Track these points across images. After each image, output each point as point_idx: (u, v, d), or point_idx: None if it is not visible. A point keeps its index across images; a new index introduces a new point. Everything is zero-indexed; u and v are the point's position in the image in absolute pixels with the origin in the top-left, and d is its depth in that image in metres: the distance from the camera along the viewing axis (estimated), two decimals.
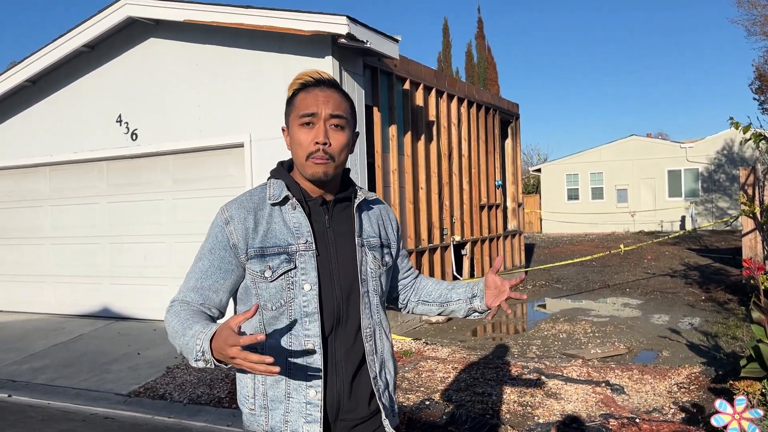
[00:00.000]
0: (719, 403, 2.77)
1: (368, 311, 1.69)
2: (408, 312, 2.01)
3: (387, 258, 1.79)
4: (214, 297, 1.66)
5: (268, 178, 1.73)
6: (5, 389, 5.79)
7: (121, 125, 8.16)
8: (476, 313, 1.87)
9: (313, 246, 1.63)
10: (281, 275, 1.60)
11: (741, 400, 2.70)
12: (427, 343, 6.81)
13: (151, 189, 8.23)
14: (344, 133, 1.66)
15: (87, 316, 8.61)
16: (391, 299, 1.97)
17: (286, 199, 1.66)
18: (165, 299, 8.48)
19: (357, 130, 1.76)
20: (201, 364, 1.50)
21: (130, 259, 8.41)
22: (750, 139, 7.16)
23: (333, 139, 1.63)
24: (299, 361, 1.60)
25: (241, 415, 1.74)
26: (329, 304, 1.63)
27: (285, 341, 1.61)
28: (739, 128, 7.00)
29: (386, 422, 1.69)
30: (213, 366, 1.49)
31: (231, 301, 1.75)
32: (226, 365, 1.47)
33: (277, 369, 1.36)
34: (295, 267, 1.61)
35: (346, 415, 1.65)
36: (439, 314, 1.97)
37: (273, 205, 1.65)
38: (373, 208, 1.81)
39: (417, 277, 2.01)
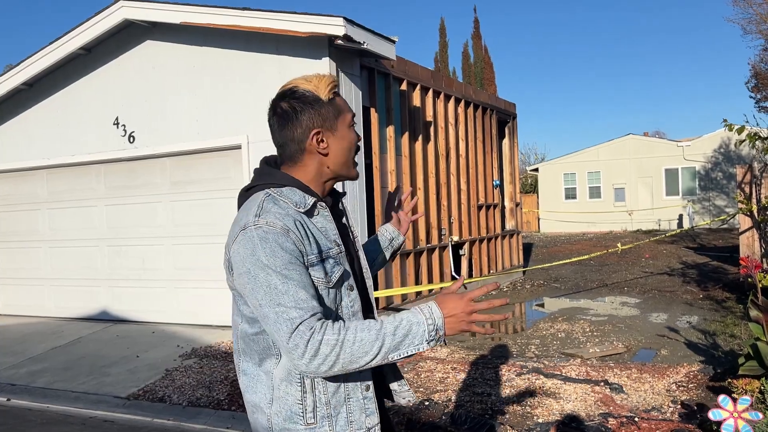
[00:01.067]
0: (722, 399, 2.78)
1: (373, 299, 1.80)
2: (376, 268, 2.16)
3: None
4: (319, 304, 1.54)
5: (263, 187, 1.65)
6: (4, 393, 5.78)
7: (118, 128, 8.16)
8: (397, 246, 2.13)
9: (344, 248, 1.68)
10: (338, 280, 1.61)
11: (745, 400, 2.72)
12: None
13: (148, 191, 8.22)
14: None
15: (85, 319, 8.60)
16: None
17: (313, 206, 1.63)
18: (164, 301, 8.46)
19: None
20: (432, 344, 1.53)
21: (128, 262, 8.40)
22: (745, 140, 7.18)
23: None
24: None
25: (240, 418, 1.75)
26: (365, 300, 1.73)
27: None
28: (734, 130, 7.01)
29: (410, 392, 1.89)
30: (441, 343, 1.53)
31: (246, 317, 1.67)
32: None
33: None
34: (344, 270, 1.64)
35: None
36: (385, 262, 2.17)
37: (302, 212, 1.60)
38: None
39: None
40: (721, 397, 2.76)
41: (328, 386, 1.59)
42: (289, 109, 1.63)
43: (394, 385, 1.86)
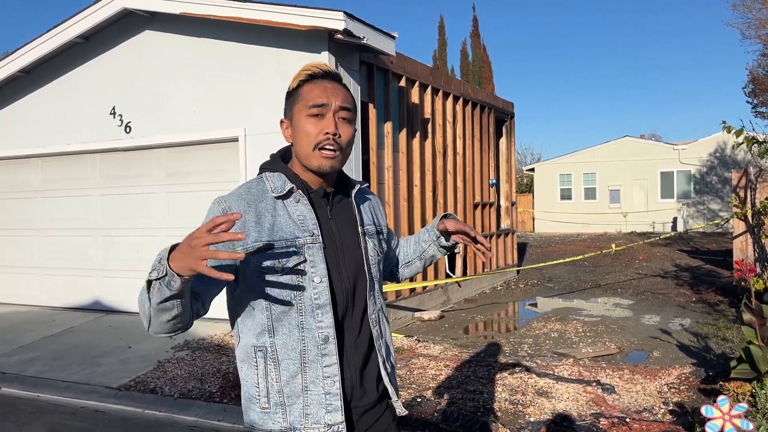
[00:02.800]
0: (706, 409, 2.78)
1: (373, 298, 1.72)
2: (399, 278, 2.11)
3: (384, 245, 1.85)
4: (197, 284, 1.54)
5: (261, 171, 1.72)
6: None
7: (114, 117, 8.12)
8: (448, 247, 2.01)
9: (320, 238, 1.63)
10: (291, 268, 1.59)
11: (741, 407, 2.73)
12: (419, 341, 6.81)
13: (144, 182, 8.19)
14: (351, 126, 1.67)
15: (78, 309, 8.56)
16: (386, 276, 2.05)
17: (290, 192, 1.65)
18: None
19: (356, 126, 1.76)
20: (153, 275, 1.38)
21: (122, 252, 8.37)
22: (743, 143, 7.19)
23: (342, 130, 1.64)
24: (314, 353, 1.60)
25: (231, 410, 1.75)
26: (339, 295, 1.64)
27: (297, 335, 1.60)
28: (732, 132, 7.03)
29: (398, 404, 1.73)
30: (164, 274, 1.35)
31: (227, 302, 1.71)
32: (172, 282, 1.36)
33: (241, 255, 1.32)
34: (305, 260, 1.60)
35: (357, 402, 1.67)
36: (424, 268, 2.09)
37: (277, 198, 1.63)
38: (367, 197, 1.86)
39: (400, 247, 2.10)
40: (720, 398, 2.77)
41: (281, 374, 1.59)
42: None
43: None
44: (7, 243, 9.38)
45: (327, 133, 1.60)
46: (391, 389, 1.72)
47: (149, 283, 1.41)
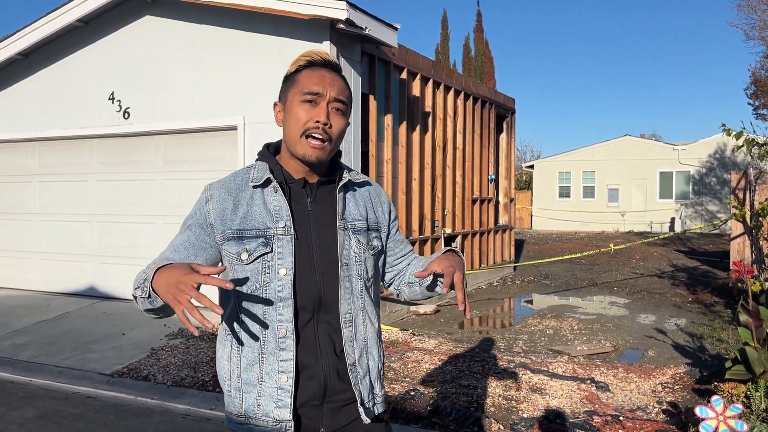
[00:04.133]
0: (700, 410, 2.76)
1: (349, 296, 1.65)
2: (400, 296, 1.93)
3: (375, 242, 1.73)
4: None
5: (256, 161, 1.72)
6: None
7: (113, 103, 8.06)
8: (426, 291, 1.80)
9: (292, 230, 1.60)
10: (257, 258, 1.58)
11: (736, 408, 2.70)
12: (414, 334, 6.80)
13: (142, 169, 8.14)
14: (344, 118, 1.64)
15: (72, 295, 8.53)
16: (387, 286, 1.92)
17: (267, 182, 1.64)
18: None
19: (349, 120, 1.73)
20: (138, 293, 1.49)
21: (118, 239, 8.33)
22: (743, 145, 7.17)
23: (334, 121, 1.61)
24: (272, 345, 1.59)
25: (224, 399, 1.73)
26: (307, 289, 1.60)
27: (259, 325, 1.59)
28: (732, 135, 7.00)
29: (360, 409, 1.65)
30: (147, 295, 1.45)
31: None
32: (154, 305, 1.46)
33: (220, 310, 1.33)
34: (272, 251, 1.58)
35: (333, 396, 1.63)
36: (423, 298, 1.86)
37: (255, 187, 1.63)
38: (359, 190, 1.75)
39: (410, 263, 1.89)
40: (714, 398, 2.75)
41: (242, 359, 1.62)
42: None
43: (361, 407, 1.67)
44: (2, 227, 9.33)
45: (317, 122, 1.58)
46: (356, 393, 1.64)
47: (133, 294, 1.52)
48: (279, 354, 1.58)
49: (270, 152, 1.71)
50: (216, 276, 1.37)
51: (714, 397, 2.75)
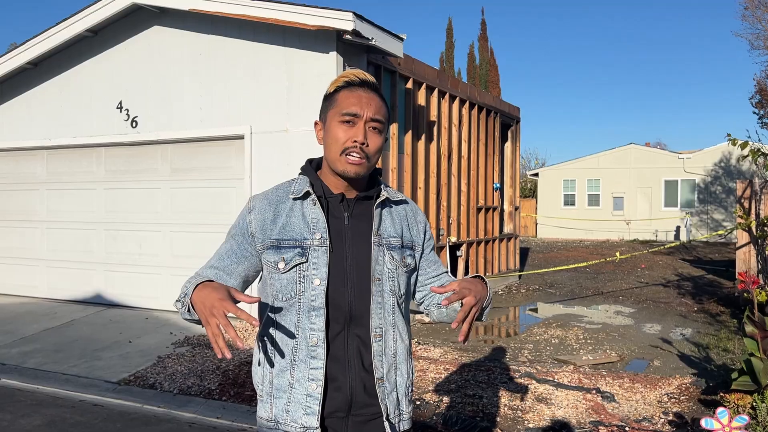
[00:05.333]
0: (720, 411, 2.77)
1: (380, 311, 1.68)
2: (429, 316, 1.94)
3: (409, 260, 1.76)
4: (227, 278, 1.70)
5: (298, 175, 1.78)
6: None
7: (121, 112, 8.13)
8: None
9: (327, 242, 1.65)
10: (293, 268, 1.64)
11: (742, 419, 2.71)
12: (419, 343, 6.81)
13: (148, 177, 8.20)
14: (381, 136, 1.70)
15: (79, 302, 8.57)
16: (419, 305, 1.94)
17: (306, 195, 1.70)
18: (159, 288, 8.43)
19: (387, 135, 1.79)
20: (178, 305, 1.59)
21: (124, 247, 8.38)
22: (748, 155, 7.17)
23: (370, 140, 1.67)
24: (303, 353, 1.64)
25: (230, 408, 1.78)
26: (338, 301, 1.64)
27: (292, 332, 1.65)
28: (737, 144, 7.01)
29: (386, 424, 1.68)
30: (186, 310, 1.55)
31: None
32: (193, 317, 1.55)
33: (238, 345, 1.37)
34: (307, 261, 1.64)
35: (359, 409, 1.66)
36: (451, 320, 1.76)
37: (294, 199, 1.70)
38: (396, 207, 1.80)
39: (443, 285, 1.83)
40: (720, 410, 2.76)
41: (274, 365, 1.68)
42: None
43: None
44: (10, 234, 9.39)
45: (355, 141, 1.64)
46: (383, 408, 1.67)
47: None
48: (310, 362, 1.63)
49: (312, 167, 1.77)
50: (248, 304, 1.46)
51: (719, 409, 2.76)
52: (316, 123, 1.77)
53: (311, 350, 1.62)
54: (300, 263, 1.63)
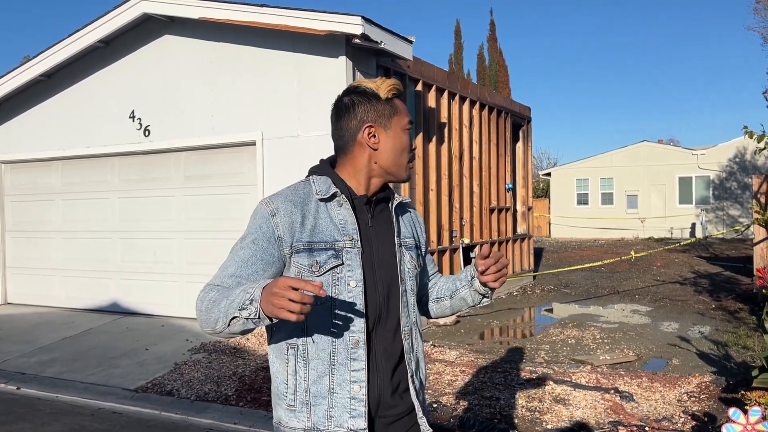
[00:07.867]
0: (733, 412, 2.74)
1: (406, 310, 1.73)
2: (428, 313, 2.00)
3: (420, 260, 1.85)
4: None
5: (309, 175, 1.75)
6: (14, 381, 5.82)
7: (134, 121, 8.20)
8: (481, 296, 1.83)
9: (359, 243, 1.66)
10: (328, 271, 1.62)
11: (756, 411, 2.67)
12: (435, 346, 6.79)
13: (162, 185, 8.26)
14: None
15: (96, 311, 8.64)
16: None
17: (333, 196, 1.69)
18: (174, 295, 8.46)
19: None
20: (244, 314, 1.45)
21: (139, 255, 8.44)
22: (764, 148, 7.10)
23: None
24: (343, 356, 1.62)
25: (248, 413, 1.76)
26: (372, 301, 1.66)
27: (329, 337, 1.62)
28: (753, 137, 6.94)
29: (422, 420, 1.72)
30: (257, 316, 1.43)
31: None
32: (259, 323, 1.46)
33: (323, 293, 1.37)
34: (342, 263, 1.63)
35: (385, 411, 1.67)
36: (453, 312, 1.96)
37: (320, 200, 1.68)
38: (407, 210, 1.88)
39: (437, 282, 2.01)
40: (732, 410, 2.73)
41: (310, 372, 1.62)
42: (348, 102, 1.71)
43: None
44: (27, 244, 9.50)
45: (413, 150, 1.77)
46: (417, 405, 1.72)
47: (234, 316, 1.49)
48: (350, 364, 1.61)
49: (330, 168, 1.77)
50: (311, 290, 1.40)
51: (731, 410, 2.73)
52: (370, 126, 1.69)
53: (351, 352, 1.61)
54: (336, 266, 1.62)
